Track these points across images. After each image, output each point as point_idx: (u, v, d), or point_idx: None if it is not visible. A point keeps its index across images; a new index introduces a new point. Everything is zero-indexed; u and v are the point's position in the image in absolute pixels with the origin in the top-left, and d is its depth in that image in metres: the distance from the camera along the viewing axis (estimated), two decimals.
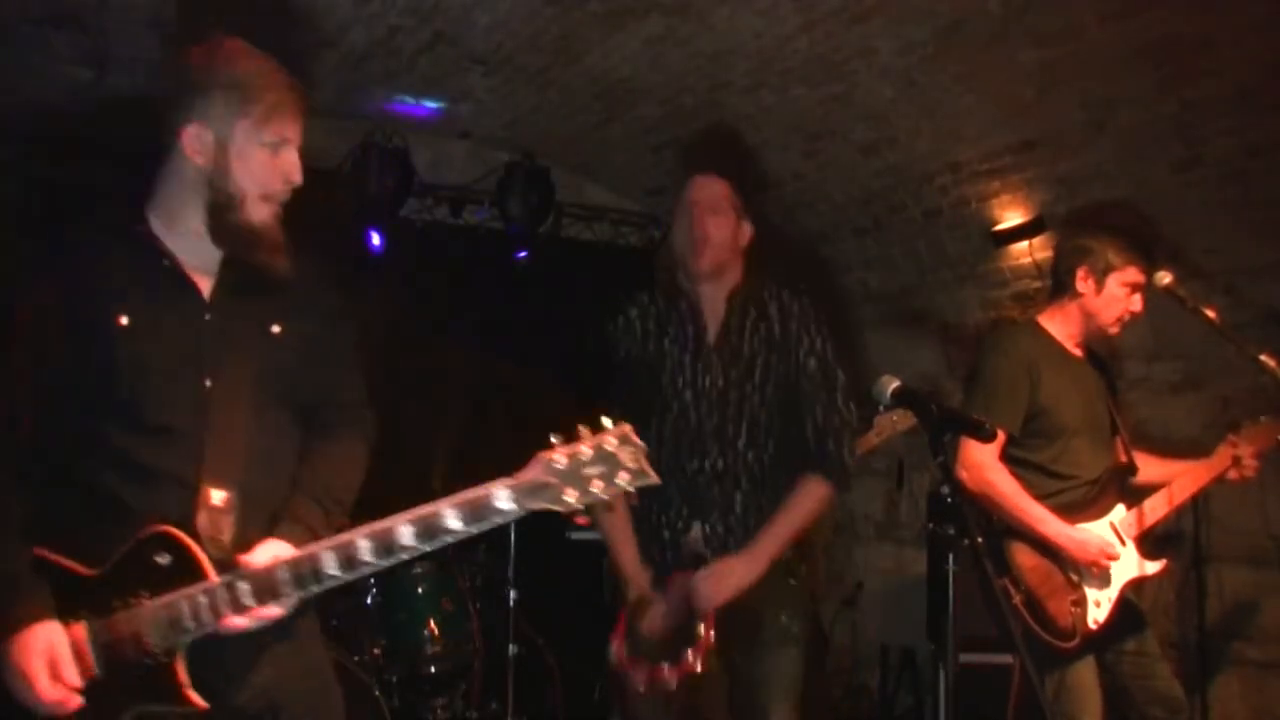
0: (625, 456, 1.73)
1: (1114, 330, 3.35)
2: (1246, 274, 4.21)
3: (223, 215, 1.94)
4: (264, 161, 1.95)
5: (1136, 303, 3.30)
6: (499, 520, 1.75)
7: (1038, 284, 5.01)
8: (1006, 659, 3.40)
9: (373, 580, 4.49)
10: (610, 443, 1.73)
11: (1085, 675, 3.16)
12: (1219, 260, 4.24)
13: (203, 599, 1.78)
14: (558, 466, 1.72)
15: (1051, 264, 3.52)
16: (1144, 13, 3.68)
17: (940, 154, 4.91)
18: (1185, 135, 4.08)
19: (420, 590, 4.47)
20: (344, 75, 5.08)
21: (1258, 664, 4.42)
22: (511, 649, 4.74)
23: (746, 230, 2.92)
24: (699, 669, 2.61)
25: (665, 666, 2.68)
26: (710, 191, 2.86)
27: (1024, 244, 4.94)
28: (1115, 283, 3.27)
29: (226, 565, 1.83)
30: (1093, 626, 3.18)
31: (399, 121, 5.63)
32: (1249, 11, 3.53)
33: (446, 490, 1.79)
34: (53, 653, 1.75)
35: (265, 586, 1.78)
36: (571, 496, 1.72)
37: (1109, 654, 3.24)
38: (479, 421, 6.07)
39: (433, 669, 4.39)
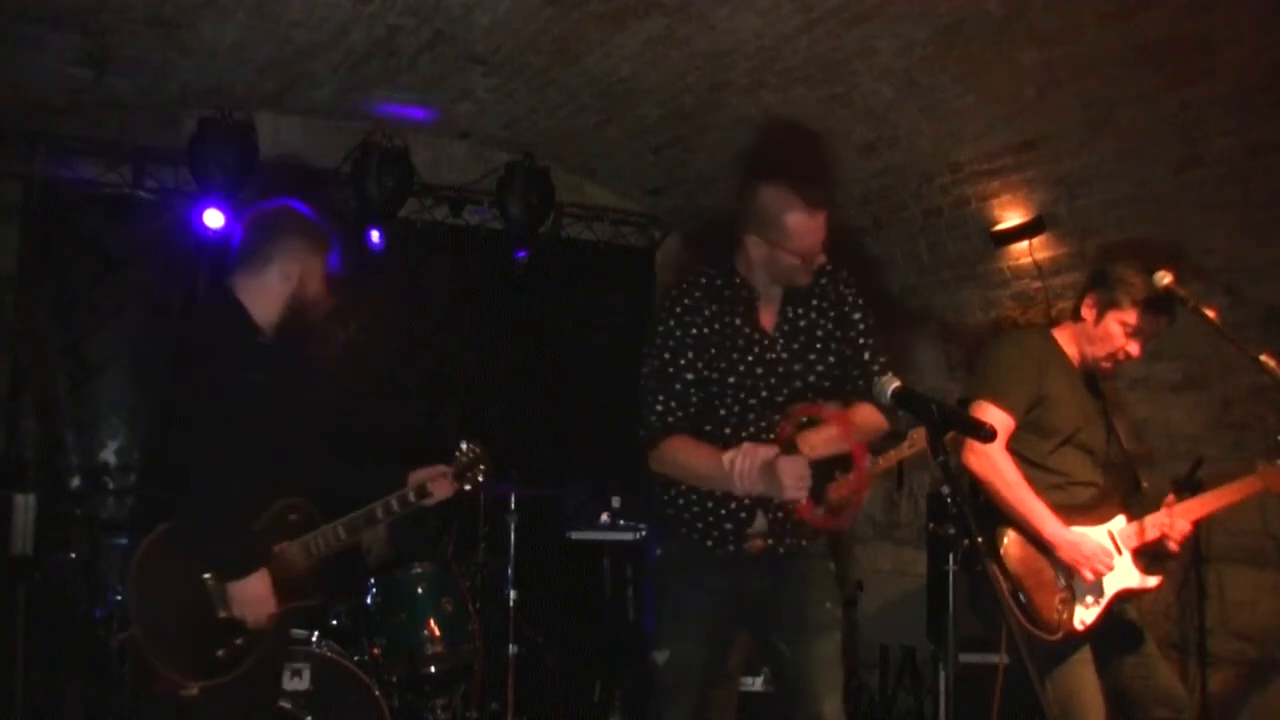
0: (485, 461, 3.18)
1: (1106, 365, 3.35)
2: (1246, 274, 4.21)
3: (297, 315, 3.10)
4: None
5: (1134, 348, 3.30)
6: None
7: (1038, 284, 5.01)
8: (1007, 659, 3.40)
9: (373, 581, 4.50)
10: (476, 450, 3.18)
11: (1086, 676, 3.16)
12: (1219, 260, 4.25)
13: (320, 537, 3.01)
14: (460, 464, 3.17)
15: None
16: (1144, 13, 3.68)
17: (940, 154, 4.91)
18: (1185, 135, 4.08)
19: (420, 590, 4.47)
20: (344, 75, 5.08)
21: (1258, 664, 4.42)
22: (511, 649, 4.74)
23: None
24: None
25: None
26: (821, 232, 2.85)
27: (1024, 244, 4.94)
28: (1113, 320, 3.27)
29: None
30: (1078, 627, 3.18)
31: (399, 121, 5.63)
32: (1249, 11, 3.54)
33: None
34: (269, 582, 2.86)
35: (349, 524, 3.04)
36: (467, 481, 3.17)
37: (1107, 657, 3.24)
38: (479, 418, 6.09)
39: (433, 669, 4.38)
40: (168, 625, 2.81)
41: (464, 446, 3.18)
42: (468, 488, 3.17)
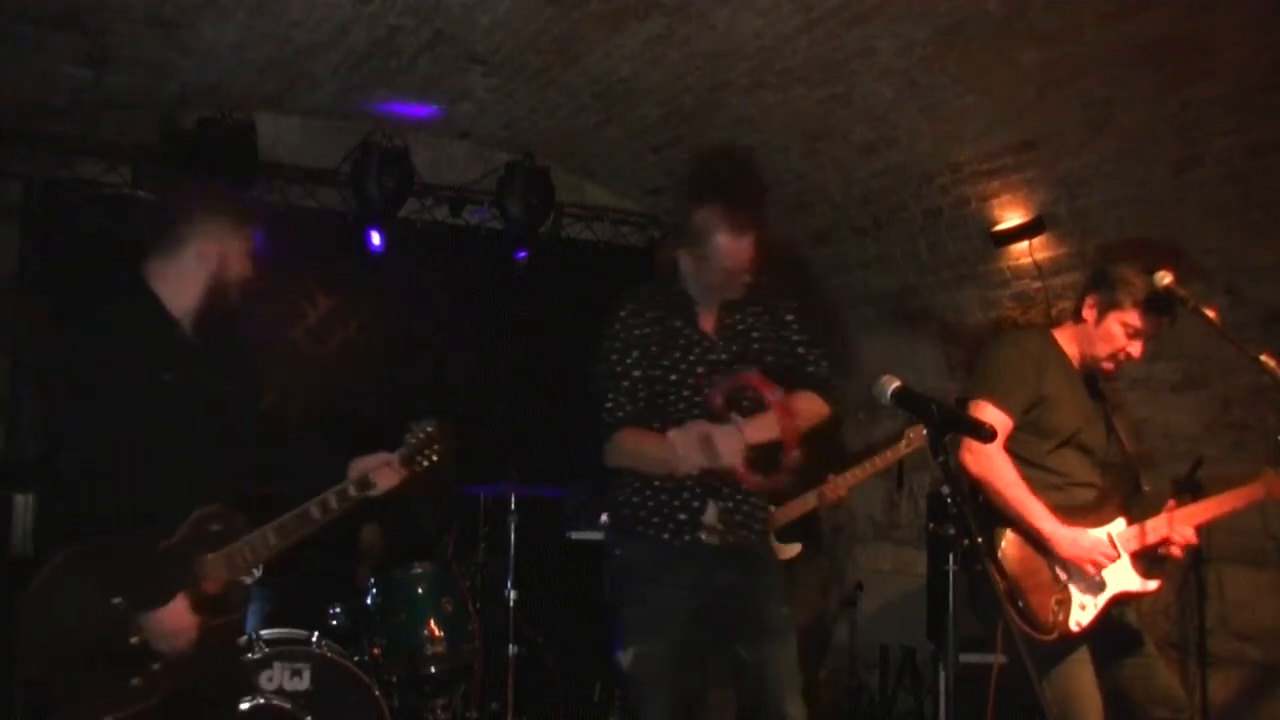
0: (439, 440, 2.90)
1: (1108, 366, 3.35)
2: (1246, 274, 4.21)
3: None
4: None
5: (1135, 349, 3.30)
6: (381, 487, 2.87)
7: (1038, 284, 5.02)
8: (1004, 659, 3.40)
9: (373, 581, 4.50)
10: (428, 430, 2.91)
11: (1084, 677, 3.15)
12: (1219, 260, 4.24)
13: (245, 547, 2.72)
14: (409, 446, 2.90)
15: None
16: (1144, 13, 3.68)
17: (940, 154, 4.91)
18: (1185, 135, 4.08)
19: (420, 590, 4.47)
20: (344, 75, 5.08)
21: (1258, 664, 4.42)
22: (511, 649, 4.74)
23: None
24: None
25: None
26: (747, 253, 3.05)
27: (1024, 244, 4.93)
28: (1114, 320, 3.27)
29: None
30: (1074, 628, 3.18)
31: (399, 121, 5.63)
32: (1249, 11, 3.54)
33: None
34: (188, 607, 2.62)
35: (279, 528, 2.77)
36: (418, 466, 2.89)
37: (1106, 659, 3.23)
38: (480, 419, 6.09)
39: (433, 669, 4.38)
40: (74, 656, 2.55)
41: (413, 427, 2.91)
42: (419, 471, 2.89)
